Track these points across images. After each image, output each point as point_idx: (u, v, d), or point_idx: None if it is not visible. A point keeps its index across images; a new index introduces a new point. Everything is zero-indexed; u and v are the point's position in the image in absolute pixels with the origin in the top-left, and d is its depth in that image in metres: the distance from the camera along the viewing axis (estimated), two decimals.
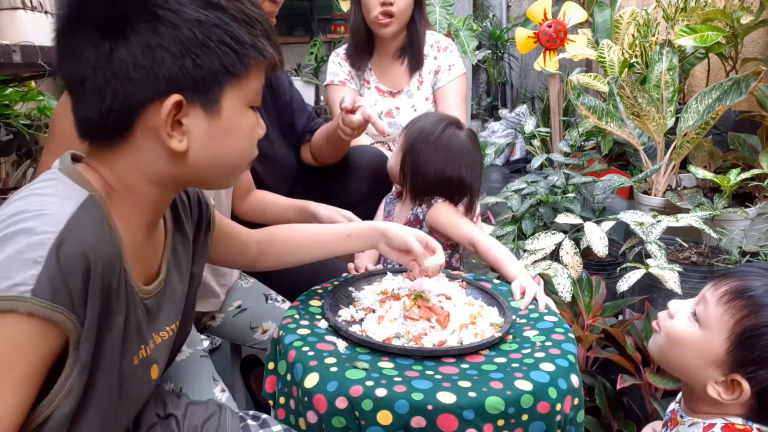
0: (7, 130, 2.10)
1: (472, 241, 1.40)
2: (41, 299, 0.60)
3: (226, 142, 0.76)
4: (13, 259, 0.60)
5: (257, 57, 0.74)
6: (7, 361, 0.61)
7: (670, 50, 1.95)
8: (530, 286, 1.23)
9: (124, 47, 0.68)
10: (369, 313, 1.11)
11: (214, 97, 0.73)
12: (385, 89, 2.11)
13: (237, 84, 0.74)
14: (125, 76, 0.68)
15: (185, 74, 0.70)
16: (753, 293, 0.81)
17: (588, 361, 1.48)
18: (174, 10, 0.68)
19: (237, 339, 1.48)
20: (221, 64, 0.71)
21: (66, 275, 0.62)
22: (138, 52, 0.68)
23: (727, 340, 0.82)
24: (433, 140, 1.50)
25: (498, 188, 2.88)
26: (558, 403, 0.90)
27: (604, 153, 2.40)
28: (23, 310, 0.60)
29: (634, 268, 1.48)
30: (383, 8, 1.91)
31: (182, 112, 0.71)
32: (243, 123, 0.77)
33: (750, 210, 1.79)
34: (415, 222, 1.54)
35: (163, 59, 0.68)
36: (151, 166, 0.74)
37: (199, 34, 0.69)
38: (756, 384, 0.80)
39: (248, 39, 0.73)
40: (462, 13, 4.23)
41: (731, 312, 0.82)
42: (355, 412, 0.87)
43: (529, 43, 2.59)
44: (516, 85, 5.81)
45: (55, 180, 0.70)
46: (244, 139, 0.79)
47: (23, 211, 0.64)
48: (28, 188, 0.69)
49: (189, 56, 0.69)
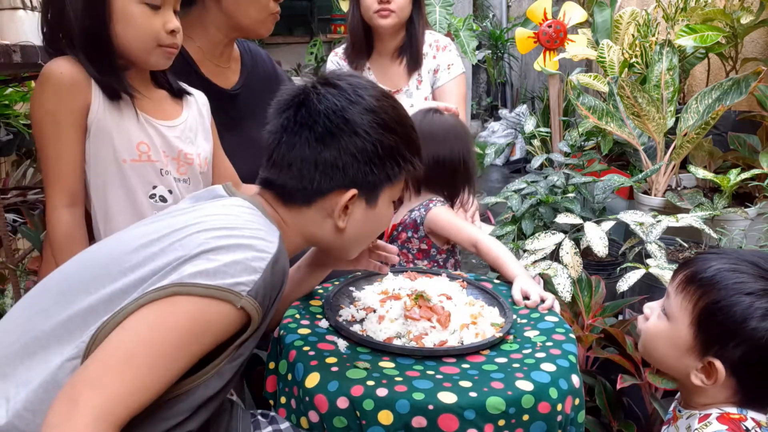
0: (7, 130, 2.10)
1: (475, 241, 1.39)
2: (254, 299, 0.78)
3: (372, 227, 1.02)
4: (239, 263, 0.78)
5: (409, 168, 0.99)
6: (200, 335, 0.76)
7: (670, 50, 1.95)
8: (533, 288, 1.22)
9: (329, 151, 0.92)
10: (370, 312, 1.11)
11: (376, 195, 0.97)
12: (384, 89, 2.11)
13: (391, 186, 0.99)
14: (324, 171, 0.92)
15: (364, 177, 0.94)
16: (702, 275, 0.86)
17: (588, 361, 1.48)
18: (366, 130, 0.92)
19: None
20: (387, 174, 0.96)
21: (272, 286, 0.82)
22: (336, 155, 0.92)
23: (690, 325, 0.86)
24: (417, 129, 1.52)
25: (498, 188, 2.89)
26: (559, 404, 0.90)
27: (604, 153, 2.40)
28: (238, 303, 0.77)
29: (634, 268, 1.48)
30: (381, 5, 1.92)
31: (352, 201, 0.95)
32: (385, 213, 1.02)
33: (750, 210, 1.80)
34: (411, 226, 1.53)
35: (352, 164, 0.93)
36: (313, 230, 0.98)
37: (380, 150, 0.93)
38: (727, 361, 0.83)
39: (408, 156, 0.98)
40: (462, 13, 4.23)
41: (687, 298, 0.87)
42: (356, 412, 0.87)
43: (529, 43, 2.59)
44: (516, 85, 5.81)
45: (251, 210, 0.90)
46: (382, 225, 1.04)
47: (239, 227, 0.83)
48: (224, 206, 0.90)
49: (369, 165, 0.93)
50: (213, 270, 0.76)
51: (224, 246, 0.78)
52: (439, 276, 1.27)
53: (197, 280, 0.75)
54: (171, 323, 0.74)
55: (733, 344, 0.83)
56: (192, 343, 0.75)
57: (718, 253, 0.89)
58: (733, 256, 0.87)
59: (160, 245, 0.80)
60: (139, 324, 0.73)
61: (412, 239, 1.54)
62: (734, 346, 0.82)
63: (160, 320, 0.74)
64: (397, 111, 0.98)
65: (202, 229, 0.80)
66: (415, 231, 1.53)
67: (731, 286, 0.83)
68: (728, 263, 0.86)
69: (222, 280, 0.76)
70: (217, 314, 0.76)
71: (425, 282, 1.22)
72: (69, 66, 1.10)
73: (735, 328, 0.82)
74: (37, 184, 2.58)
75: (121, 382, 0.69)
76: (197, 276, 0.75)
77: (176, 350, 0.73)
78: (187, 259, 0.77)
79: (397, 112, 0.97)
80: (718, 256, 0.88)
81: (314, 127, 0.92)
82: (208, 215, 0.85)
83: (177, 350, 0.73)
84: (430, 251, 1.55)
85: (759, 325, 0.80)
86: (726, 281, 0.84)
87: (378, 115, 0.94)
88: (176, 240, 0.80)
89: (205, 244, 0.78)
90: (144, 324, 0.73)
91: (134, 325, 0.74)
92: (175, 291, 0.74)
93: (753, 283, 0.83)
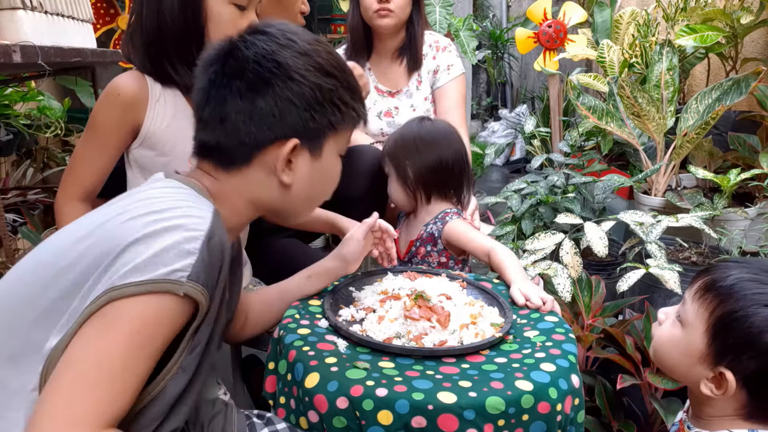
0: (7, 130, 2.10)
1: (488, 251, 1.39)
2: (196, 283, 0.74)
3: (319, 181, 0.96)
4: (171, 249, 0.73)
5: (353, 116, 0.94)
6: (152, 335, 0.72)
7: (670, 50, 1.95)
8: (532, 290, 1.21)
9: (263, 100, 0.86)
10: (369, 312, 1.11)
11: (320, 144, 0.92)
12: (384, 89, 2.11)
13: (336, 136, 0.93)
14: (261, 121, 0.87)
15: (304, 125, 0.88)
16: (721, 284, 0.84)
17: (588, 361, 1.48)
18: (303, 75, 0.87)
19: (250, 342, 1.49)
20: (329, 120, 0.90)
21: (211, 265, 0.77)
22: (272, 104, 0.86)
23: (705, 333, 0.85)
24: (415, 135, 1.55)
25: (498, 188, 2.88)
26: (558, 403, 0.90)
27: (604, 153, 2.40)
28: (180, 291, 0.72)
29: (634, 268, 1.48)
30: (380, 5, 1.92)
31: (294, 153, 0.89)
32: (334, 167, 0.98)
33: (750, 210, 1.80)
34: (428, 240, 1.54)
35: (291, 112, 0.87)
36: (258, 192, 0.92)
37: (319, 95, 0.88)
38: (739, 372, 0.82)
39: (350, 102, 0.92)
40: (462, 13, 4.23)
41: (704, 305, 0.85)
42: (356, 412, 0.87)
43: (529, 43, 2.59)
44: (516, 85, 5.81)
45: (180, 188, 0.85)
46: (333, 179, 0.99)
47: (165, 209, 0.77)
48: (152, 189, 0.83)
49: (309, 111, 0.88)
50: (143, 263, 0.71)
51: (151, 233, 0.73)
52: (439, 276, 1.27)
53: (129, 279, 0.70)
54: (115, 336, 0.69)
55: (747, 356, 0.81)
56: (144, 346, 0.71)
57: (739, 262, 0.88)
58: (755, 266, 0.85)
59: (87, 241, 0.75)
60: (84, 347, 0.69)
61: (432, 253, 1.56)
62: (749, 358, 0.81)
63: (104, 336, 0.69)
64: (333, 55, 0.92)
65: (127, 219, 0.76)
66: (434, 245, 1.55)
67: (750, 297, 0.81)
68: (749, 273, 0.84)
69: (155, 271, 0.71)
70: (161, 309, 0.72)
71: (425, 282, 1.22)
72: (134, 84, 1.21)
73: (751, 339, 0.80)
74: (37, 184, 2.58)
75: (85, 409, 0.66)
76: (128, 274, 0.70)
77: (131, 359, 0.70)
78: (116, 255, 0.72)
79: (333, 57, 0.92)
80: (739, 265, 0.86)
81: (244, 75, 0.86)
82: (134, 202, 0.80)
83: (131, 359, 0.70)
84: (448, 263, 1.57)
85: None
86: (745, 291, 0.82)
87: (313, 58, 0.88)
88: (102, 234, 0.75)
89: (130, 235, 0.73)
90: (89, 345, 0.69)
91: (80, 349, 0.69)
92: (110, 297, 0.70)
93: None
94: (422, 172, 1.54)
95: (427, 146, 1.54)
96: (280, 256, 1.65)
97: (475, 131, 5.33)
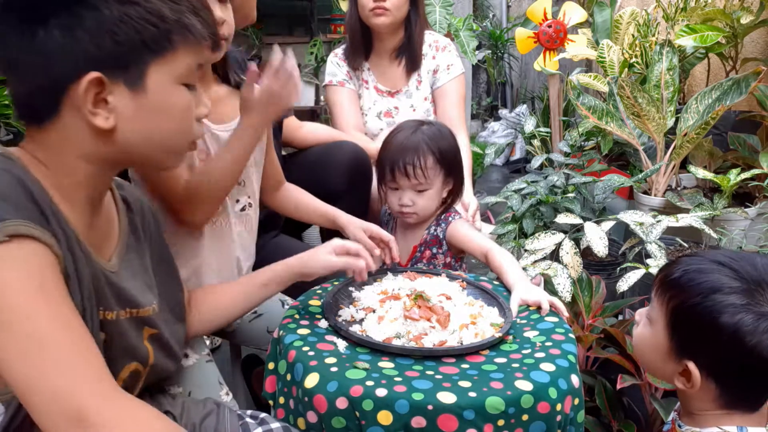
0: (7, 130, 2.10)
1: (486, 251, 1.38)
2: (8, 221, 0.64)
3: (157, 120, 0.77)
4: None
5: (183, 33, 0.75)
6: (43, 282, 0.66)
7: (670, 50, 1.95)
8: (540, 296, 1.19)
9: (44, 29, 0.70)
10: (369, 312, 1.11)
11: (138, 73, 0.74)
12: (383, 89, 2.11)
13: (162, 60, 0.75)
14: (48, 57, 0.71)
15: (103, 51, 0.71)
16: (673, 277, 0.85)
17: (588, 361, 1.48)
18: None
19: (253, 343, 1.49)
20: (141, 40, 0.73)
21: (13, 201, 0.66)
22: (57, 33, 0.70)
23: (665, 328, 0.86)
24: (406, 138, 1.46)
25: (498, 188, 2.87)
26: (558, 403, 0.90)
27: (604, 153, 2.40)
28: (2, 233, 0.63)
29: (634, 268, 1.48)
30: (376, 3, 1.92)
31: (106, 90, 0.73)
32: (175, 100, 0.78)
33: (750, 210, 1.80)
34: (434, 242, 1.53)
35: (81, 38, 0.70)
36: (80, 143, 0.75)
37: (117, 11, 0.71)
38: (700, 362, 0.82)
39: (171, 15, 0.74)
40: (462, 13, 4.23)
41: (662, 300, 0.87)
42: (356, 412, 0.87)
43: (529, 43, 2.59)
44: (516, 85, 5.81)
45: None
46: (179, 116, 0.79)
47: None
48: None
49: (107, 34, 0.71)
50: None
51: None
52: (439, 276, 1.27)
53: None
54: None
55: (702, 345, 0.82)
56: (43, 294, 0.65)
57: (691, 255, 0.89)
58: (706, 257, 0.86)
59: None
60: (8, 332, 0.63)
61: (438, 255, 1.55)
62: (705, 345, 0.82)
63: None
64: None
65: None
66: (439, 247, 1.54)
67: (696, 286, 0.82)
68: (696, 264, 0.85)
69: None
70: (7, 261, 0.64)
71: (425, 282, 1.22)
72: None
73: (703, 327, 0.81)
74: None
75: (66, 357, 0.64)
76: None
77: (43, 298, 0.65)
78: None
79: None
80: (689, 258, 0.87)
81: (13, 3, 0.71)
82: None
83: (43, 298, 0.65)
84: (452, 263, 1.56)
85: (727, 321, 0.79)
86: (692, 281, 0.83)
87: None
88: None
89: None
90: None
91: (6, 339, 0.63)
92: None
93: (719, 282, 0.81)
94: None
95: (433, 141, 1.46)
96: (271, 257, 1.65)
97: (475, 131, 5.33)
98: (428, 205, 1.49)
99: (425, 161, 1.44)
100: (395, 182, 1.47)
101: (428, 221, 1.56)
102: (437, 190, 1.49)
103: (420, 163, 1.43)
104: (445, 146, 1.48)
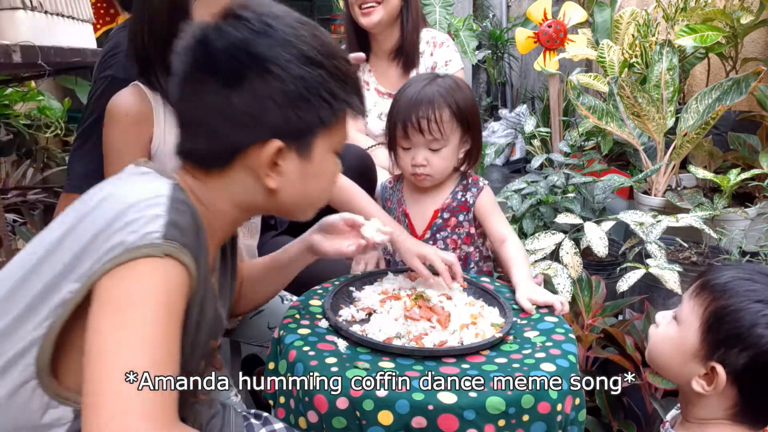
0: (7, 130, 2.10)
1: (505, 239, 1.32)
2: (172, 241, 0.69)
3: (312, 183, 0.86)
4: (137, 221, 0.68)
5: (348, 109, 0.84)
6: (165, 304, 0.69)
7: (670, 50, 1.95)
8: (548, 297, 1.18)
9: (239, 96, 0.76)
10: (369, 312, 1.11)
11: (308, 144, 0.82)
12: (384, 90, 2.11)
13: (327, 132, 0.83)
14: (237, 121, 0.78)
15: (287, 123, 0.79)
16: (716, 282, 0.88)
17: (588, 361, 1.48)
18: (282, 67, 0.77)
19: (254, 339, 1.49)
20: (318, 116, 0.80)
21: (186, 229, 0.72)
22: (250, 100, 0.77)
23: (699, 329, 0.87)
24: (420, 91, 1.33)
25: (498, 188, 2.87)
26: (559, 404, 0.90)
27: (604, 153, 2.40)
28: (159, 253, 0.68)
29: (634, 268, 1.48)
30: (363, 1, 1.91)
31: (280, 155, 0.80)
32: (329, 167, 0.87)
33: (750, 210, 1.80)
34: (461, 208, 1.39)
35: (270, 108, 0.77)
36: (242, 195, 0.83)
37: (302, 89, 0.78)
38: (729, 366, 0.84)
39: (342, 94, 0.82)
40: (462, 13, 4.23)
41: (699, 302, 0.88)
42: (356, 412, 0.87)
43: (529, 43, 2.59)
44: (516, 85, 5.81)
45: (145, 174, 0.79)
46: (330, 180, 0.89)
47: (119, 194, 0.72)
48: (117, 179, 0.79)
49: (292, 108, 0.78)
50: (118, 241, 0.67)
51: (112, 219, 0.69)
52: (439, 276, 1.27)
53: (109, 255, 0.67)
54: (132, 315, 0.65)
55: (738, 349, 0.83)
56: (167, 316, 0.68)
57: (735, 266, 0.92)
58: (749, 269, 0.89)
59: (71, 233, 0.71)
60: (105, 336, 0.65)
61: (463, 223, 1.40)
62: (739, 351, 0.83)
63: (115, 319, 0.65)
64: (320, 39, 0.81)
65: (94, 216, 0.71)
66: (466, 214, 1.39)
67: (742, 293, 0.85)
68: (743, 273, 0.88)
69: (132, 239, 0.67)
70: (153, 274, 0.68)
71: (425, 282, 1.22)
72: (132, 100, 1.20)
73: (742, 332, 0.83)
74: (37, 184, 2.58)
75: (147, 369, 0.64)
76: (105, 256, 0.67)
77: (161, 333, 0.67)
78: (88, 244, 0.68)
79: (319, 41, 0.81)
80: (734, 268, 0.90)
81: (217, 69, 0.76)
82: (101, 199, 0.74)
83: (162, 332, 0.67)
84: (475, 239, 1.44)
85: (766, 332, 0.81)
86: (738, 288, 0.85)
87: (294, 46, 0.78)
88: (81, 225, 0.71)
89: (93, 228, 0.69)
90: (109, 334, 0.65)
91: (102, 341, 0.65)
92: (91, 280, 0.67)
93: (765, 292, 0.84)
94: None
95: (450, 92, 1.33)
96: None
97: None
98: (444, 166, 1.35)
99: (441, 114, 1.30)
100: (408, 140, 1.34)
101: (446, 184, 1.42)
102: (453, 148, 1.35)
103: (435, 117, 1.29)
104: (462, 99, 1.33)
